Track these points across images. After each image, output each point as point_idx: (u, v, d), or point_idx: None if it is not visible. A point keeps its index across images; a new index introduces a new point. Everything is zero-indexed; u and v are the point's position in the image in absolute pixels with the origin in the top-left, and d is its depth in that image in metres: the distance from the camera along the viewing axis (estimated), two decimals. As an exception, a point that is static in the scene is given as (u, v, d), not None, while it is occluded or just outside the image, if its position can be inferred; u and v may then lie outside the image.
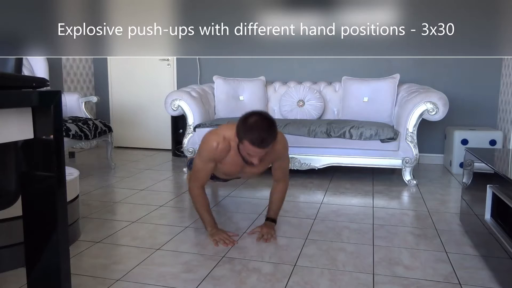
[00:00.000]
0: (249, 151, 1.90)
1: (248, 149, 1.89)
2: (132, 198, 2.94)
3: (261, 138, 1.85)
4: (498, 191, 1.76)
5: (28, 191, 1.10)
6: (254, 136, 1.85)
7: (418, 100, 3.25)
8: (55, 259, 1.10)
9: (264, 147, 1.88)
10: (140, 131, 5.05)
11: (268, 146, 1.89)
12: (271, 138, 1.89)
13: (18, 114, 1.01)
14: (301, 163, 3.45)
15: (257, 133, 1.85)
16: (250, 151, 1.90)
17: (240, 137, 1.92)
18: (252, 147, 1.87)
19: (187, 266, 1.87)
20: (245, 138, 1.88)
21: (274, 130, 1.91)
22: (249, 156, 1.95)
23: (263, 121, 1.89)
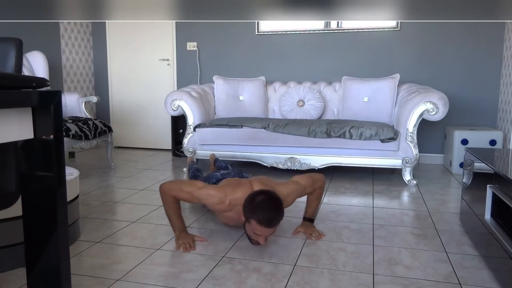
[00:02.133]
0: (256, 231, 1.88)
1: (255, 228, 1.87)
2: (132, 198, 2.94)
3: (269, 218, 1.84)
4: (498, 191, 1.76)
5: (28, 191, 1.09)
6: (261, 216, 1.83)
7: (418, 100, 3.25)
8: (55, 259, 1.10)
9: (271, 227, 1.86)
10: (140, 131, 5.05)
11: (276, 226, 1.88)
12: (279, 218, 1.87)
13: (18, 114, 1.01)
14: (301, 163, 3.45)
15: (265, 213, 1.84)
16: (257, 231, 1.88)
17: (246, 216, 1.90)
18: (259, 227, 1.85)
19: (187, 266, 1.87)
20: (252, 217, 1.86)
21: (282, 210, 1.89)
22: (255, 236, 1.92)
23: (271, 201, 1.87)
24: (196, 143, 3.67)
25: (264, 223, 1.84)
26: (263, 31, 4.48)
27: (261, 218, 1.83)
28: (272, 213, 1.85)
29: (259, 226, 1.85)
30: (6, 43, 1.49)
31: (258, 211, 1.84)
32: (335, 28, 4.29)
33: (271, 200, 1.88)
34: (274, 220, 1.85)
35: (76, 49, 4.80)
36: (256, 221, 1.84)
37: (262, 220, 1.83)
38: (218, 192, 2.03)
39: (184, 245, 2.05)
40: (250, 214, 1.87)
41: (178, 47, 4.79)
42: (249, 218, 1.88)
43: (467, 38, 4.01)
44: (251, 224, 1.88)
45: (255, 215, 1.85)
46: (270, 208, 1.85)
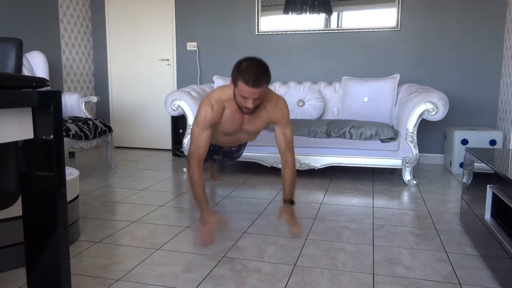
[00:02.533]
0: (243, 93, 1.98)
1: (242, 90, 1.97)
2: (132, 198, 2.94)
3: (254, 76, 1.94)
4: (498, 191, 1.76)
5: (28, 191, 1.09)
6: (247, 75, 1.94)
7: (418, 100, 3.25)
8: (55, 259, 1.10)
9: (257, 86, 1.95)
10: (140, 131, 5.05)
11: (261, 85, 1.97)
12: (264, 78, 1.97)
13: (18, 114, 1.01)
14: (301, 163, 3.45)
15: (250, 72, 1.94)
16: (244, 93, 1.98)
17: (234, 80, 2.01)
18: (246, 87, 1.95)
19: (187, 266, 1.87)
20: (238, 79, 1.97)
21: (267, 71, 2.00)
22: (244, 101, 2.02)
23: (256, 62, 2.00)
24: (196, 143, 3.66)
25: (250, 82, 1.94)
26: (263, 31, 4.48)
27: (247, 77, 1.94)
28: (258, 72, 1.95)
29: (245, 86, 1.95)
30: (6, 43, 1.49)
31: (245, 71, 1.95)
32: (335, 28, 4.29)
33: (256, 61, 2.00)
34: (260, 79, 1.95)
35: (76, 49, 4.80)
36: (242, 81, 1.95)
37: (248, 79, 1.94)
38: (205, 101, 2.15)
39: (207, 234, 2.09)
40: (237, 76, 1.98)
41: (178, 47, 4.79)
42: (236, 81, 1.99)
43: (467, 38, 4.01)
44: (239, 87, 1.98)
45: (241, 76, 1.95)
46: (256, 68, 1.97)
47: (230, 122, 2.23)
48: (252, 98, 2.00)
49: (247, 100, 2.01)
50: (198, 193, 2.16)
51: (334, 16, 4.27)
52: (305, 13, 4.34)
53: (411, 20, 4.12)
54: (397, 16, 4.11)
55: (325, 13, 4.29)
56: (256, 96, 2.00)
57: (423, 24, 4.10)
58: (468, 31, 4.00)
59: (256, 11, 4.47)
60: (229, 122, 2.23)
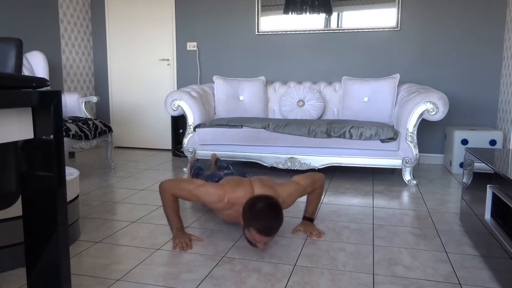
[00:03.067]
0: (255, 238, 1.88)
1: (254, 236, 1.87)
2: (132, 198, 2.94)
3: (268, 227, 1.84)
4: (498, 191, 1.76)
5: (28, 191, 1.09)
6: (261, 225, 1.83)
7: (418, 100, 3.25)
8: (55, 259, 1.10)
9: (271, 235, 1.86)
10: (140, 131, 5.05)
11: (275, 234, 1.88)
12: (278, 226, 1.87)
13: (18, 114, 1.01)
14: (301, 163, 3.45)
15: (265, 222, 1.83)
16: (256, 238, 1.88)
17: (246, 223, 1.89)
18: (258, 235, 1.85)
19: (187, 266, 1.87)
20: (251, 225, 1.85)
21: (281, 218, 1.89)
22: (254, 241, 1.93)
23: (270, 209, 1.86)
24: (196, 143, 3.67)
25: (263, 232, 1.84)
26: (263, 31, 4.48)
27: (261, 227, 1.83)
28: (271, 222, 1.84)
29: (258, 234, 1.85)
30: (6, 43, 1.49)
31: (258, 219, 1.83)
32: (335, 28, 4.29)
33: (270, 207, 1.86)
34: (273, 229, 1.85)
35: (76, 49, 4.80)
36: (255, 230, 1.84)
37: (261, 229, 1.83)
38: (217, 190, 2.02)
39: (181, 244, 2.05)
40: (249, 222, 1.86)
41: (178, 47, 4.79)
42: (248, 226, 1.88)
43: (467, 38, 4.01)
44: (251, 232, 1.88)
45: (255, 224, 1.84)
46: (269, 217, 1.84)
47: (229, 219, 2.17)
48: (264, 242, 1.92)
49: (258, 243, 1.92)
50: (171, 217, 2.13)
51: (334, 16, 4.27)
52: (305, 13, 4.34)
53: (411, 20, 4.12)
54: (397, 16, 4.11)
55: (325, 13, 4.29)
56: (269, 240, 1.92)
57: (423, 24, 4.10)
58: (468, 31, 4.00)
59: (256, 11, 4.47)
60: (231, 218, 2.15)
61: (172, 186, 2.09)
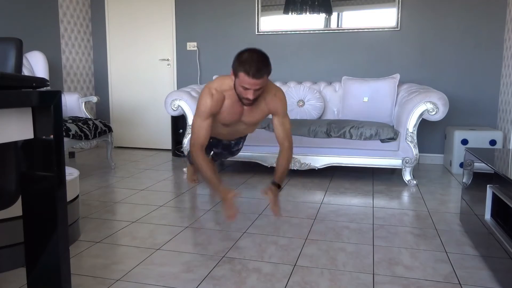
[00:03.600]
0: (244, 84, 1.99)
1: (243, 81, 1.98)
2: (132, 198, 2.94)
3: (255, 67, 1.95)
4: (498, 191, 1.76)
5: (28, 191, 1.09)
6: (248, 66, 1.95)
7: (418, 100, 3.25)
8: (55, 259, 1.10)
9: (258, 77, 1.97)
10: (140, 131, 5.05)
11: (262, 76, 1.98)
12: (265, 69, 1.98)
13: (18, 114, 1.01)
14: (301, 163, 3.45)
15: (251, 63, 1.96)
16: (245, 83, 1.99)
17: (235, 71, 2.02)
18: (247, 78, 1.97)
19: (187, 266, 1.87)
20: (239, 70, 1.98)
21: (268, 62, 2.01)
22: (244, 92, 2.03)
23: (257, 53, 2.00)
24: (196, 143, 3.66)
25: (251, 73, 1.95)
26: (263, 31, 4.48)
27: (248, 68, 1.95)
28: (259, 63, 1.96)
29: (247, 77, 1.97)
30: (6, 43, 1.49)
31: (246, 63, 1.96)
32: (335, 28, 4.29)
33: (256, 52, 2.01)
34: (261, 70, 1.97)
35: (76, 49, 4.80)
36: (244, 72, 1.96)
37: (249, 70, 1.95)
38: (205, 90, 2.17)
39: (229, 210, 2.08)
40: (238, 67, 1.99)
41: (178, 47, 4.79)
42: (237, 72, 2.00)
43: (467, 38, 4.01)
44: (240, 77, 2.00)
45: (243, 67, 1.97)
46: (257, 59, 1.97)
47: (229, 112, 2.25)
48: (253, 89, 2.02)
49: (247, 91, 2.03)
50: (208, 176, 2.17)
51: (334, 16, 4.27)
52: (305, 13, 4.34)
53: (411, 20, 4.12)
54: (397, 16, 4.11)
55: (325, 13, 4.29)
56: (257, 87, 2.03)
57: (423, 24, 4.10)
58: (468, 31, 4.00)
59: (256, 11, 4.47)
60: (228, 113, 2.25)
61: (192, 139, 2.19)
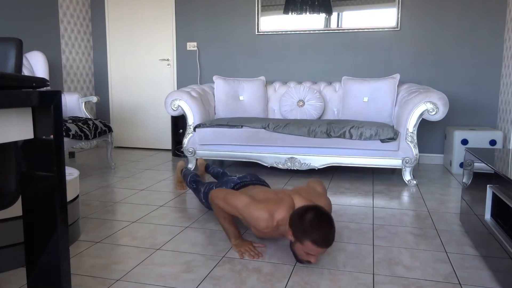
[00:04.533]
0: (310, 251, 1.76)
1: (310, 249, 1.76)
2: (132, 198, 2.94)
3: (326, 238, 1.73)
4: (498, 191, 1.76)
5: (28, 191, 1.09)
6: (317, 237, 1.73)
7: (418, 100, 3.25)
8: (55, 259, 1.10)
9: (328, 245, 1.76)
10: (140, 131, 5.05)
11: (331, 244, 1.78)
12: (334, 234, 1.78)
13: (18, 114, 1.01)
14: (301, 163, 3.45)
15: (320, 232, 1.73)
16: (311, 251, 1.76)
17: (298, 237, 1.78)
18: (315, 248, 1.74)
19: (187, 266, 1.87)
20: (306, 238, 1.74)
21: (334, 226, 1.79)
22: (306, 256, 1.80)
23: (323, 219, 1.76)
24: (196, 143, 3.67)
25: (320, 244, 1.73)
26: (263, 31, 4.48)
27: (317, 239, 1.72)
28: (327, 232, 1.74)
29: (314, 246, 1.74)
30: (6, 43, 1.49)
31: (313, 231, 1.73)
32: (335, 28, 4.29)
33: (322, 217, 1.76)
34: (330, 238, 1.75)
35: (76, 49, 4.80)
36: (311, 242, 1.73)
37: (318, 240, 1.73)
38: (263, 214, 1.88)
39: (249, 252, 1.97)
40: (303, 235, 1.75)
41: (178, 47, 4.79)
42: (302, 239, 1.76)
43: (467, 38, 4.01)
44: (305, 245, 1.76)
45: (310, 236, 1.73)
46: (324, 227, 1.74)
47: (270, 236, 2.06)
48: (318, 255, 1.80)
49: (311, 256, 1.79)
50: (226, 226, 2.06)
51: (334, 16, 4.27)
52: (305, 13, 4.34)
53: (411, 20, 4.12)
54: (397, 16, 4.11)
55: (325, 13, 4.29)
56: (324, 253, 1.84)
57: (423, 24, 4.10)
58: (468, 31, 4.00)
59: (256, 11, 4.47)
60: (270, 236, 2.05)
61: (218, 197, 2.02)
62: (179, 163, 3.24)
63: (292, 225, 1.80)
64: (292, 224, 1.81)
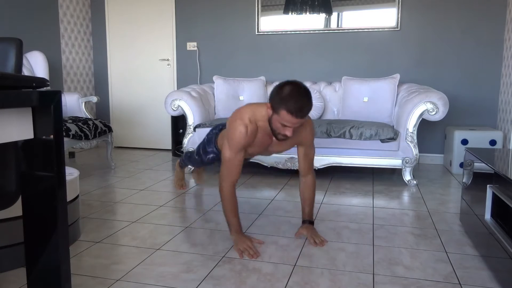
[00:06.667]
0: (285, 122, 1.82)
1: (285, 119, 1.81)
2: (132, 198, 2.94)
3: (300, 106, 1.78)
4: (498, 191, 1.76)
5: (28, 191, 1.09)
6: (292, 105, 1.77)
7: (418, 100, 3.25)
8: (55, 259, 1.10)
9: (302, 116, 1.80)
10: (140, 131, 5.05)
11: (306, 115, 1.82)
12: (309, 107, 1.81)
13: (18, 114, 1.01)
14: (301, 163, 3.45)
15: (296, 101, 1.77)
16: (286, 122, 1.82)
17: (275, 107, 1.83)
18: (289, 117, 1.80)
19: (187, 266, 1.87)
20: (281, 107, 1.80)
21: (311, 98, 1.84)
22: (282, 129, 1.87)
23: (300, 89, 1.81)
24: (196, 143, 3.67)
25: (295, 112, 1.78)
26: (263, 31, 4.48)
27: (292, 107, 1.77)
28: (303, 101, 1.79)
29: (289, 115, 1.79)
30: (6, 43, 1.49)
31: (288, 100, 1.78)
32: (335, 28, 4.29)
33: (300, 88, 1.81)
34: (305, 108, 1.80)
35: (76, 49, 4.80)
36: (286, 110, 1.78)
37: (293, 109, 1.77)
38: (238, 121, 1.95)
39: (248, 251, 1.97)
40: (279, 104, 1.80)
41: (178, 47, 4.79)
42: (278, 109, 1.81)
43: (467, 38, 4.01)
44: (281, 115, 1.82)
45: (285, 104, 1.78)
46: (300, 96, 1.79)
47: (259, 145, 2.08)
48: (293, 127, 1.86)
49: (286, 129, 1.86)
50: (230, 218, 2.06)
51: (334, 16, 4.27)
52: (305, 13, 4.34)
53: (411, 20, 4.12)
54: (397, 16, 4.11)
55: (325, 13, 4.29)
56: (298, 125, 1.87)
57: (423, 24, 4.10)
58: (468, 31, 4.00)
59: (256, 11, 4.47)
60: (257, 145, 2.07)
61: (224, 174, 2.02)
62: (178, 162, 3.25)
63: (271, 97, 1.88)
64: (270, 97, 1.88)
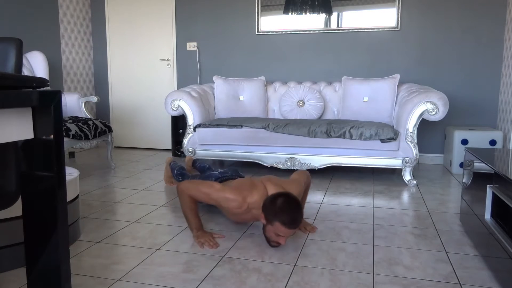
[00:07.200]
0: (280, 232, 1.96)
1: (279, 230, 1.95)
2: (132, 198, 2.94)
3: (293, 218, 1.92)
4: (498, 191, 1.76)
5: (28, 191, 1.09)
6: (286, 218, 1.92)
7: (418, 100, 3.25)
8: (55, 259, 1.10)
9: (295, 227, 1.94)
10: (140, 131, 5.05)
11: (298, 225, 1.96)
12: (301, 218, 1.96)
13: (18, 114, 1.01)
14: (301, 163, 3.45)
15: (289, 214, 1.92)
16: (280, 232, 1.95)
17: (269, 219, 1.97)
18: (284, 228, 1.93)
19: (187, 266, 1.87)
20: (276, 220, 1.94)
21: (302, 210, 1.99)
22: (276, 237, 1.99)
23: (292, 202, 1.96)
24: (196, 143, 3.67)
25: (288, 224, 1.92)
26: (263, 31, 4.48)
27: (286, 220, 1.92)
28: (295, 214, 1.93)
29: (283, 227, 1.93)
30: (6, 43, 1.49)
31: (282, 213, 1.92)
32: (335, 28, 4.29)
33: (291, 201, 1.96)
34: (298, 220, 1.94)
35: (76, 49, 4.80)
36: (280, 222, 1.93)
37: (286, 221, 1.92)
38: (236, 196, 2.08)
39: (208, 243, 2.09)
40: (273, 217, 1.95)
41: (178, 47, 4.78)
42: (272, 221, 1.96)
43: (467, 38, 4.01)
44: (275, 226, 1.95)
45: (279, 217, 1.92)
46: (292, 209, 1.94)
47: (243, 220, 2.25)
48: (287, 236, 1.99)
49: (280, 238, 1.99)
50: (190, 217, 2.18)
51: (334, 16, 4.27)
52: (305, 13, 4.34)
53: (411, 20, 4.12)
54: (397, 16, 4.11)
55: (325, 13, 4.29)
56: (292, 234, 1.99)
57: (423, 24, 4.10)
58: (468, 31, 4.00)
59: (256, 11, 4.47)
60: (243, 220, 2.24)
61: (190, 188, 2.16)
62: (167, 158, 3.36)
63: (264, 209, 2.00)
64: (264, 208, 2.00)
